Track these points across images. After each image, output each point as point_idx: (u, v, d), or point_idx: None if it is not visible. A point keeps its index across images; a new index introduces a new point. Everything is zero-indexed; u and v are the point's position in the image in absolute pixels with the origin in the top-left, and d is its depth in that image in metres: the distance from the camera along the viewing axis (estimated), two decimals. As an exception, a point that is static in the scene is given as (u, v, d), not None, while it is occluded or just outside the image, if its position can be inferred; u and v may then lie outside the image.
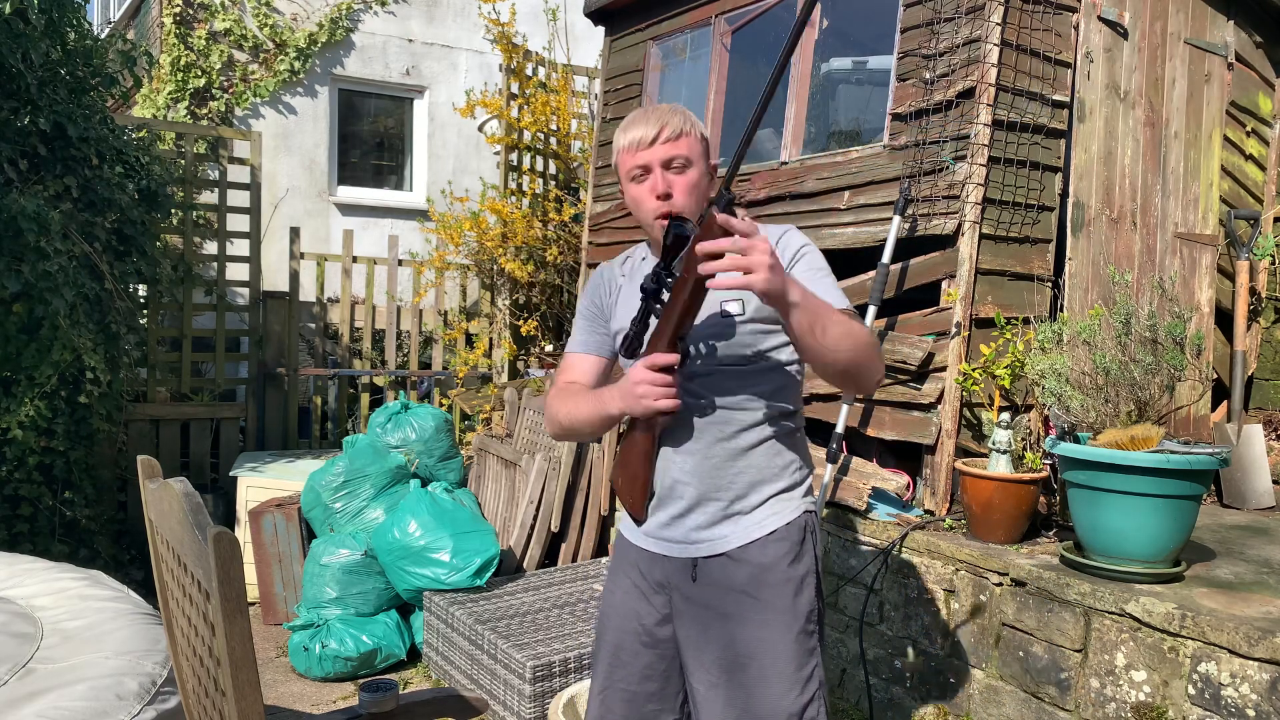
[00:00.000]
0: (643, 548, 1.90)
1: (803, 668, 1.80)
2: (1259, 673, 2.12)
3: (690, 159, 1.79)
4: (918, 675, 2.93)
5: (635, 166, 1.80)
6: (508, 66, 6.28)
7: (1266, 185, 4.37)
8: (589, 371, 1.95)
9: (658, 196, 1.78)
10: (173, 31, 7.02)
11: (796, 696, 1.78)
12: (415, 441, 4.50)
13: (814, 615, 1.84)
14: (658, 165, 1.78)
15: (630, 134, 1.80)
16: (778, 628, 1.79)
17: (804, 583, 1.82)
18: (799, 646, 1.80)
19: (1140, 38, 3.65)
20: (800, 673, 1.79)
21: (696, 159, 1.80)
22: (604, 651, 1.95)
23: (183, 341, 5.59)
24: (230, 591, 1.21)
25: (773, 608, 1.80)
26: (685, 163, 1.79)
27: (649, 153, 1.78)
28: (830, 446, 3.20)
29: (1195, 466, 2.43)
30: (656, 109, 1.82)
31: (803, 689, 1.79)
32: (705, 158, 1.83)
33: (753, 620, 1.79)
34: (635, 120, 1.82)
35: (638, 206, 1.83)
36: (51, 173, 4.21)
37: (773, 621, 1.79)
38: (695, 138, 1.80)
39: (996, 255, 3.26)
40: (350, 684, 3.74)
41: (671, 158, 1.78)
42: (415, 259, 6.49)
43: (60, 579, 2.53)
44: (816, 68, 4.00)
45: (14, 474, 4.36)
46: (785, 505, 1.83)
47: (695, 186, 1.79)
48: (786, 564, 1.81)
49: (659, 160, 1.78)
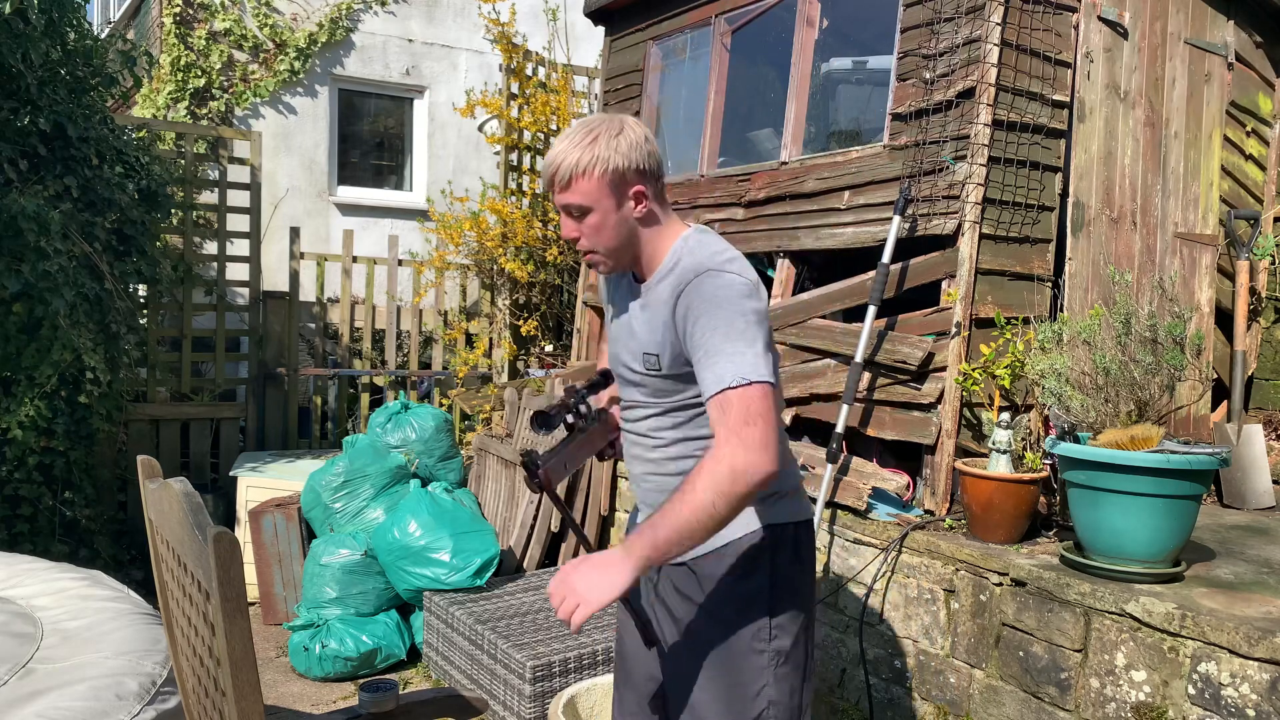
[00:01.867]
0: None
1: (748, 685, 1.77)
2: (1259, 673, 2.12)
3: (587, 205, 1.69)
4: (918, 675, 2.93)
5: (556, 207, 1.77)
6: (508, 66, 6.28)
7: (1266, 185, 4.37)
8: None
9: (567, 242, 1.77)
10: (173, 31, 7.02)
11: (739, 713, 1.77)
12: (415, 441, 4.50)
13: (764, 632, 1.78)
14: (563, 210, 1.73)
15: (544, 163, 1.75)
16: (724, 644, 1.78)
17: (754, 599, 1.79)
18: (745, 664, 1.78)
19: (1140, 38, 3.65)
20: (745, 690, 1.77)
21: (598, 200, 1.69)
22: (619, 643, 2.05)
23: (183, 341, 5.59)
24: (230, 591, 1.21)
25: (721, 623, 1.79)
26: (581, 210, 1.70)
27: (556, 198, 1.73)
28: (830, 446, 3.20)
29: (1195, 466, 2.43)
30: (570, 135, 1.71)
31: (745, 709, 1.77)
32: (616, 192, 1.70)
33: (702, 634, 1.80)
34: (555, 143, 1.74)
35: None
36: (51, 173, 4.21)
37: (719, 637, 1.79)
38: (594, 178, 1.67)
39: (996, 255, 3.26)
40: (350, 684, 3.74)
41: (567, 205, 1.71)
42: (415, 259, 6.49)
43: (60, 579, 2.53)
44: (816, 68, 4.00)
45: (14, 474, 4.36)
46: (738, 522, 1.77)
47: (601, 229, 1.72)
48: (734, 579, 1.79)
49: (562, 207, 1.72)
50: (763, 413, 1.58)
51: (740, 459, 1.56)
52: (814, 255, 3.90)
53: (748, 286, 1.67)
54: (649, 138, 1.74)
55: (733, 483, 1.55)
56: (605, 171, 1.68)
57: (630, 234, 1.74)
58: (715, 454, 1.58)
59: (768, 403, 1.59)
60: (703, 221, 4.19)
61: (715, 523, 1.57)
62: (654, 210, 1.76)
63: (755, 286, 1.69)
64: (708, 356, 1.62)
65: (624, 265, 1.79)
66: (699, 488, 1.56)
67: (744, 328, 1.62)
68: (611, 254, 1.75)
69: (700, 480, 1.57)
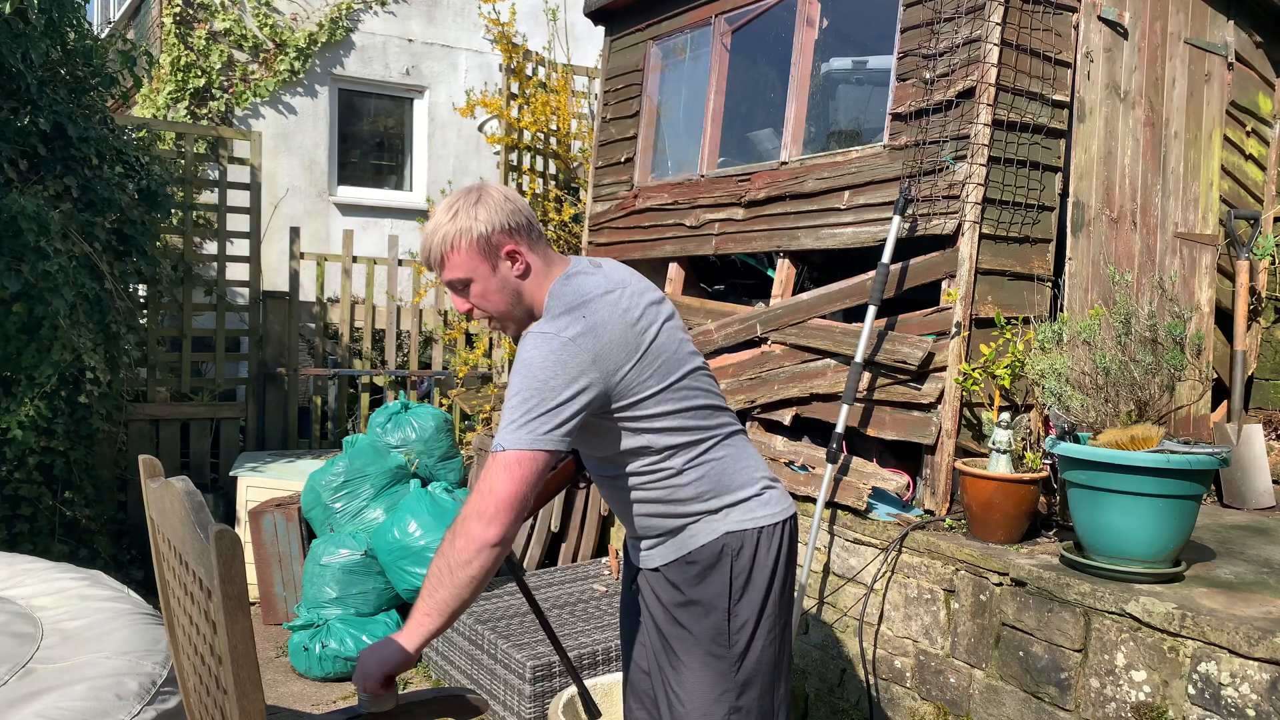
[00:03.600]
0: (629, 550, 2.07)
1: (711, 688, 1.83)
2: (1259, 673, 2.12)
3: (466, 276, 1.78)
4: (918, 675, 2.93)
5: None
6: (508, 66, 6.28)
7: (1266, 185, 4.38)
8: None
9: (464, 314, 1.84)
10: (173, 31, 7.02)
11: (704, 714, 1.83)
12: (415, 441, 4.50)
13: (722, 638, 1.83)
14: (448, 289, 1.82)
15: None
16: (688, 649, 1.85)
17: (712, 606, 1.84)
18: (707, 669, 1.83)
19: (1140, 37, 3.65)
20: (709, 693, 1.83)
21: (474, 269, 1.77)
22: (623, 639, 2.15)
23: (183, 341, 5.59)
24: (232, 589, 1.21)
25: (684, 628, 1.86)
26: (463, 283, 1.78)
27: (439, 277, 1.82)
28: (830, 446, 3.20)
29: (1195, 466, 2.43)
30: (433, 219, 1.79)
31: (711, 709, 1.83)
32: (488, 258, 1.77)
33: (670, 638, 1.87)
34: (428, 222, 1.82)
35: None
36: (51, 173, 4.21)
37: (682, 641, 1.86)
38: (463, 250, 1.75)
39: (996, 255, 3.26)
40: (350, 684, 3.74)
41: (450, 282, 1.80)
42: (415, 259, 6.49)
43: (60, 579, 2.53)
44: (816, 68, 4.00)
45: (14, 474, 4.36)
46: (700, 529, 1.86)
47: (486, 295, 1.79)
48: (692, 586, 1.85)
49: (445, 284, 1.82)
50: (503, 480, 1.63)
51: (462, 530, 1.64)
52: (814, 255, 3.90)
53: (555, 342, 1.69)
54: (508, 196, 1.80)
55: (455, 550, 1.62)
56: (471, 241, 1.75)
57: (515, 292, 1.80)
58: (462, 514, 1.66)
59: (517, 470, 1.63)
60: (703, 221, 4.19)
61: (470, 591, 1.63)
62: (531, 263, 1.81)
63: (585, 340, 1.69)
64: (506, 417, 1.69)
65: (525, 323, 1.83)
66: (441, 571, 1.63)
67: (528, 390, 1.66)
68: (506, 316, 1.82)
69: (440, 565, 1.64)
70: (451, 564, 1.62)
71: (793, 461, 3.49)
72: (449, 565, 1.62)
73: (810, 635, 3.28)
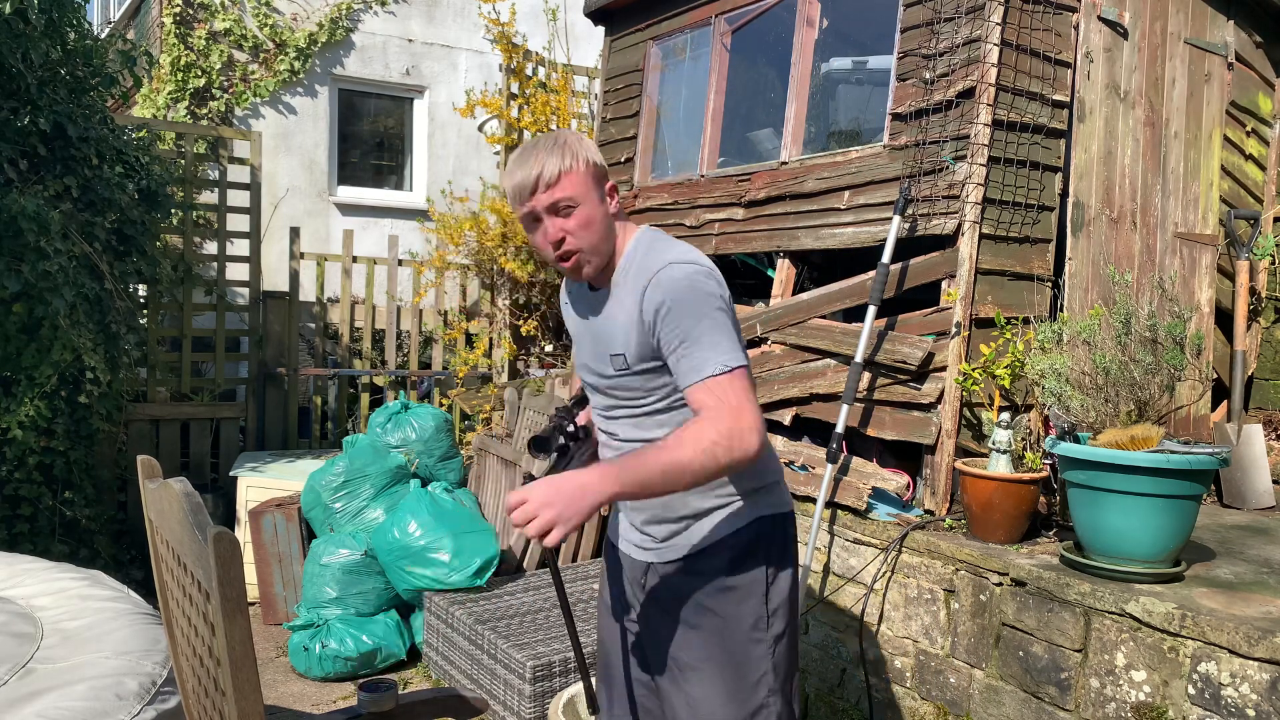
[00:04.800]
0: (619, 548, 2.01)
1: (748, 676, 1.81)
2: (1259, 673, 2.12)
3: (576, 198, 1.71)
4: (918, 675, 2.93)
5: (524, 216, 1.74)
6: (508, 66, 6.28)
7: (1266, 185, 4.37)
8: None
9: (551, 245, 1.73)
10: (173, 31, 7.02)
11: (739, 706, 1.79)
12: (415, 441, 4.50)
13: (762, 621, 1.82)
14: (544, 213, 1.71)
15: (510, 181, 1.72)
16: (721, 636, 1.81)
17: (751, 590, 1.82)
18: (745, 654, 1.81)
19: (1140, 38, 3.64)
20: (744, 681, 1.80)
21: (585, 194, 1.72)
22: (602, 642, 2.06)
23: (183, 341, 5.59)
24: (230, 591, 1.21)
25: (718, 616, 1.82)
26: (571, 204, 1.71)
27: (533, 201, 1.71)
28: (830, 446, 3.20)
29: (1195, 466, 2.42)
30: (536, 147, 1.73)
31: (748, 698, 1.80)
32: (598, 185, 1.75)
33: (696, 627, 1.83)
34: (515, 163, 1.73)
35: (539, 253, 1.80)
36: (51, 173, 4.21)
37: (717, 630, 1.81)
38: (579, 172, 1.71)
39: (996, 255, 3.26)
40: (350, 684, 3.74)
41: (555, 202, 1.70)
42: (415, 259, 6.49)
43: (60, 579, 2.53)
44: (816, 68, 4.00)
45: (14, 474, 4.36)
46: (732, 514, 1.84)
47: (589, 223, 1.73)
48: (732, 572, 1.82)
49: (543, 207, 1.71)
50: (749, 397, 1.63)
51: (736, 433, 1.59)
52: (814, 255, 3.90)
53: (712, 276, 1.71)
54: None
55: (726, 450, 1.58)
56: (589, 165, 1.72)
57: (610, 229, 1.77)
58: (709, 420, 1.59)
59: (749, 387, 1.65)
60: (703, 221, 4.19)
61: (689, 481, 1.60)
62: (619, 210, 1.81)
63: (719, 276, 1.74)
64: (684, 345, 1.65)
65: (603, 266, 1.78)
66: (687, 444, 1.58)
67: (716, 316, 1.66)
68: (596, 251, 1.75)
69: (690, 438, 1.59)
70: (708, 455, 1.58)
71: (793, 461, 3.49)
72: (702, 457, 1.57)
73: (810, 635, 3.28)
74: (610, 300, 1.80)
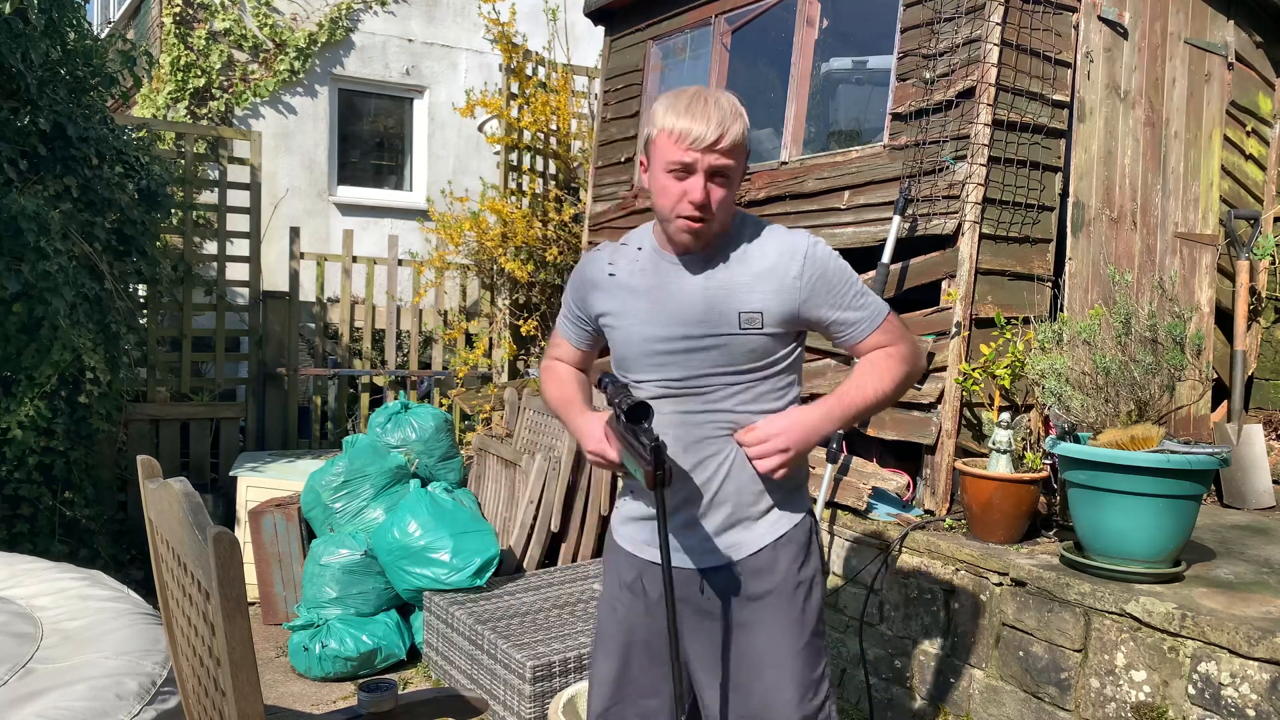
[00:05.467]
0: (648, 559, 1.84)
1: (814, 670, 1.80)
2: (1259, 673, 2.12)
3: (734, 174, 1.69)
4: (918, 675, 2.92)
5: (678, 162, 1.64)
6: (508, 66, 6.28)
7: (1266, 185, 4.37)
8: (570, 354, 2.03)
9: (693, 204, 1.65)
10: (172, 31, 7.02)
11: (809, 700, 1.78)
12: (415, 441, 4.50)
13: (821, 614, 1.84)
14: (703, 171, 1.64)
15: (684, 123, 1.63)
16: (790, 634, 1.78)
17: (813, 585, 1.82)
18: (810, 650, 1.79)
19: (1140, 37, 3.64)
20: (812, 675, 1.79)
21: (740, 170, 1.71)
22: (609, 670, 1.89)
23: (183, 341, 5.58)
24: (230, 591, 1.21)
25: (784, 614, 1.78)
26: (730, 174, 1.67)
27: (700, 156, 1.63)
28: (830, 446, 3.19)
29: (1195, 466, 2.42)
30: (717, 101, 1.66)
31: (815, 691, 1.79)
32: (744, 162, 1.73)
33: (764, 628, 1.78)
34: (693, 108, 1.64)
35: (662, 195, 1.69)
36: (51, 173, 4.21)
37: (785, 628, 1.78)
38: (745, 148, 1.69)
39: (996, 255, 3.26)
40: (350, 684, 3.74)
41: (722, 167, 1.65)
42: (415, 259, 6.49)
43: (60, 579, 2.53)
44: (816, 68, 4.00)
45: (14, 474, 4.36)
46: (791, 508, 1.82)
47: (728, 201, 1.70)
48: (797, 568, 1.80)
49: (707, 167, 1.64)
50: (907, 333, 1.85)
51: (918, 352, 1.83)
52: (814, 255, 3.90)
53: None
54: None
55: (916, 369, 1.81)
56: (747, 140, 1.72)
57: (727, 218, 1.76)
58: (896, 353, 1.78)
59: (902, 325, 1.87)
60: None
61: (885, 404, 1.81)
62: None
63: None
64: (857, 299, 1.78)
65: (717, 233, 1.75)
66: (887, 376, 1.76)
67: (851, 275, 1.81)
68: (721, 224, 1.73)
69: (886, 369, 1.76)
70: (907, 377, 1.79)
71: (793, 461, 3.49)
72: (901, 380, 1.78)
73: (810, 635, 3.28)
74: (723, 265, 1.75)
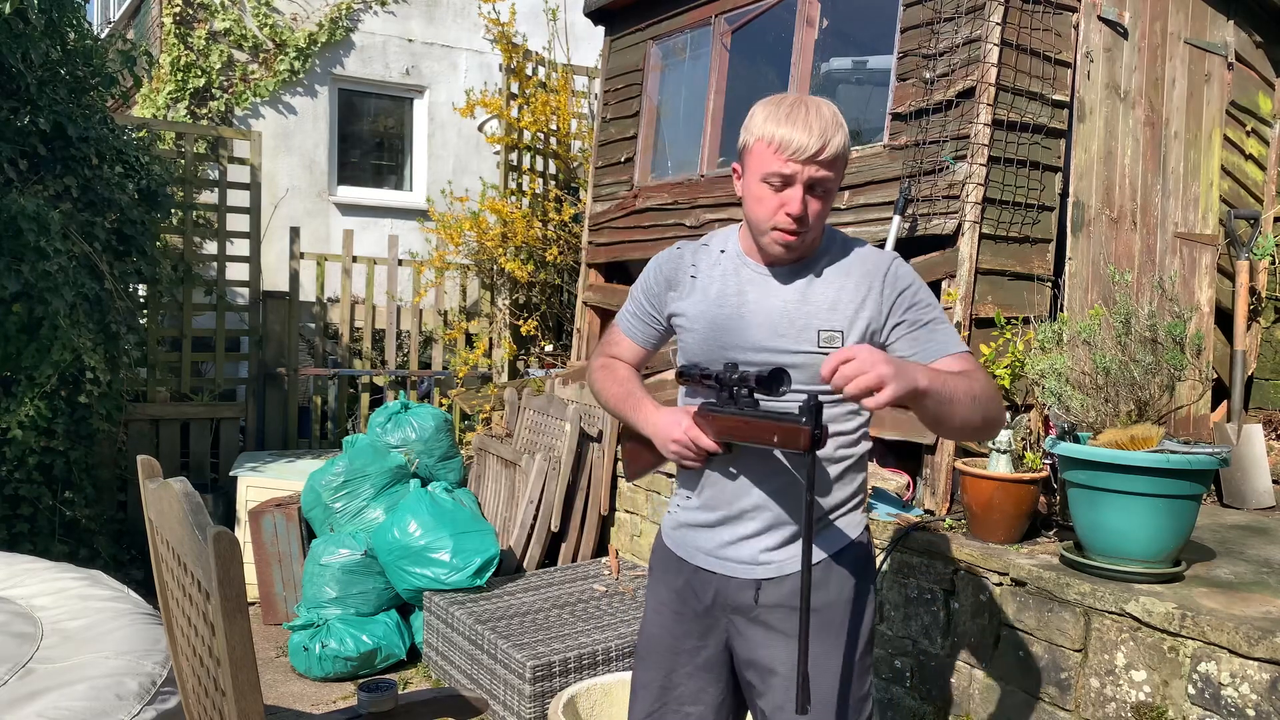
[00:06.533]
0: (700, 566, 1.80)
1: (862, 686, 1.78)
2: (1259, 673, 2.12)
3: (833, 186, 1.64)
4: (918, 675, 2.92)
5: (776, 173, 1.61)
6: (508, 66, 6.28)
7: (1266, 185, 4.37)
8: (631, 353, 1.96)
9: (791, 216, 1.61)
10: (172, 31, 7.02)
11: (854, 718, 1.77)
12: (415, 441, 4.50)
13: (873, 636, 1.80)
14: (802, 183, 1.61)
15: (784, 132, 1.59)
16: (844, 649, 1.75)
17: (868, 599, 1.78)
18: (860, 665, 1.77)
19: (1140, 37, 3.64)
20: (861, 691, 1.77)
21: (837, 184, 1.66)
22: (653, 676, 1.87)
23: (183, 341, 5.59)
24: (230, 591, 1.21)
25: (841, 628, 1.75)
26: (829, 188, 1.63)
27: (801, 167, 1.59)
28: (830, 446, 3.19)
29: (1195, 466, 2.42)
30: (819, 110, 1.61)
31: (860, 708, 1.77)
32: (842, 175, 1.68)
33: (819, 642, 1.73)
34: (794, 116, 1.60)
35: (757, 205, 1.66)
36: (51, 173, 4.21)
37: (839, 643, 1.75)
38: (845, 159, 1.65)
39: (996, 255, 3.26)
40: (350, 684, 3.74)
41: (822, 180, 1.61)
42: (415, 259, 6.49)
43: (60, 579, 2.53)
44: (816, 68, 4.00)
45: (14, 474, 4.36)
46: (850, 523, 1.78)
47: (826, 211, 1.66)
48: (854, 582, 1.77)
49: (806, 179, 1.60)
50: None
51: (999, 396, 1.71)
52: (814, 255, 3.90)
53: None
54: None
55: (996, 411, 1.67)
56: (847, 150, 1.66)
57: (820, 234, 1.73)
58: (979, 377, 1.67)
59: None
60: (703, 221, 4.19)
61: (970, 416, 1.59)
62: None
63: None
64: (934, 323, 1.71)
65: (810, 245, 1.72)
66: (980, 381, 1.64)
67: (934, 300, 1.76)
68: (815, 237, 1.70)
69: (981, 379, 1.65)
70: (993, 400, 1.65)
71: (793, 461, 3.49)
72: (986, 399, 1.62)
73: (810, 635, 3.28)
74: (806, 280, 1.71)
